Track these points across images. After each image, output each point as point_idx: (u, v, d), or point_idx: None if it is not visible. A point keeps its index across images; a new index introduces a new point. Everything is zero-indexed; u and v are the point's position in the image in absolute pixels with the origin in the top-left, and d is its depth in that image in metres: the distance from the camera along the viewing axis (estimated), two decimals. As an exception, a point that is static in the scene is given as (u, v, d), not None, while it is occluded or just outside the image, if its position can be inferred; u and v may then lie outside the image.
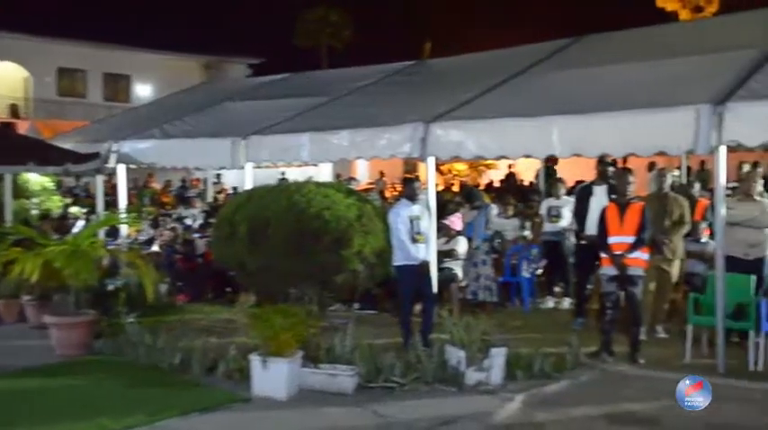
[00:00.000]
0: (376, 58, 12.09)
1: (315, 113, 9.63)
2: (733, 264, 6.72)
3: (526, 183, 19.10)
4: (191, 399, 5.75)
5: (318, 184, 7.40)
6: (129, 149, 10.46)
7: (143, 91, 31.59)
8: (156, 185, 19.66)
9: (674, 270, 7.79)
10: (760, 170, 10.82)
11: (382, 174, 19.06)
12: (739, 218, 7.14)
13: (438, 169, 16.68)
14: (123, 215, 9.99)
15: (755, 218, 7.37)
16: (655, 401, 5.68)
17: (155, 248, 11.53)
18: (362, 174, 21.31)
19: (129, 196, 13.31)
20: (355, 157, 9.00)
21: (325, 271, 6.74)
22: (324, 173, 15.38)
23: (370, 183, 18.63)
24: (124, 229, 10.89)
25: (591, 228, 7.72)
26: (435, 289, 7.56)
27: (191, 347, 6.69)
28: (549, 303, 9.64)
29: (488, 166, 21.91)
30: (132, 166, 10.91)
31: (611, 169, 8.19)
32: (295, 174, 12.91)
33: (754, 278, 6.93)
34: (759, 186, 7.80)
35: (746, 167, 10.00)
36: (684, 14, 25.19)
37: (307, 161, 9.07)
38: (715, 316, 6.50)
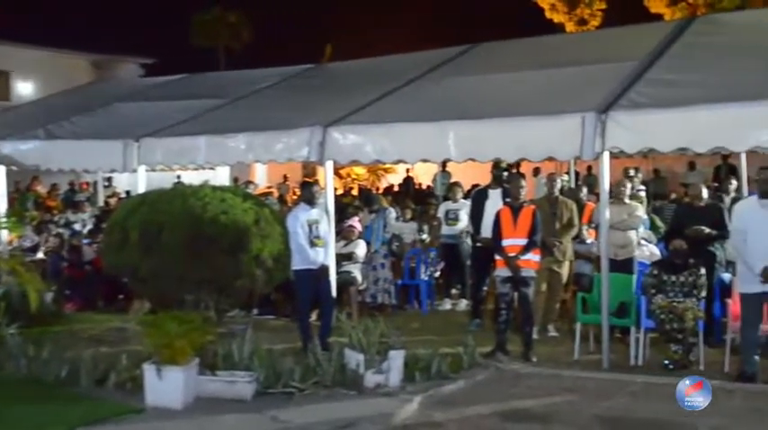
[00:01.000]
0: (275, 60, 11.99)
1: (211, 116, 9.43)
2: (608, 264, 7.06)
3: (424, 186, 19.46)
4: (78, 413, 5.46)
5: (215, 188, 7.24)
6: (9, 150, 9.86)
7: (25, 89, 29.74)
8: (42, 189, 18.60)
9: (564, 271, 8.12)
10: (639, 175, 11.47)
11: (286, 178, 18.87)
12: (611, 221, 7.53)
13: (337, 173, 16.67)
14: (3, 220, 9.41)
15: (624, 221, 7.81)
16: (547, 397, 5.91)
17: (40, 255, 10.95)
18: (261, 177, 21.01)
19: (11, 200, 12.56)
20: (253, 161, 8.91)
21: (223, 276, 6.60)
22: (221, 176, 15.04)
23: (269, 187, 18.38)
24: (4, 235, 10.27)
25: (486, 230, 7.94)
26: (334, 292, 7.57)
27: (79, 358, 6.37)
28: (447, 305, 9.84)
29: (387, 170, 22.16)
30: (14, 169, 10.32)
31: (505, 174, 8.48)
32: (191, 178, 12.57)
33: (635, 278, 7.34)
34: (629, 190, 8.26)
35: (632, 172, 10.53)
36: (570, 27, 26.31)
37: (203, 164, 8.87)
38: (600, 314, 6.84)
